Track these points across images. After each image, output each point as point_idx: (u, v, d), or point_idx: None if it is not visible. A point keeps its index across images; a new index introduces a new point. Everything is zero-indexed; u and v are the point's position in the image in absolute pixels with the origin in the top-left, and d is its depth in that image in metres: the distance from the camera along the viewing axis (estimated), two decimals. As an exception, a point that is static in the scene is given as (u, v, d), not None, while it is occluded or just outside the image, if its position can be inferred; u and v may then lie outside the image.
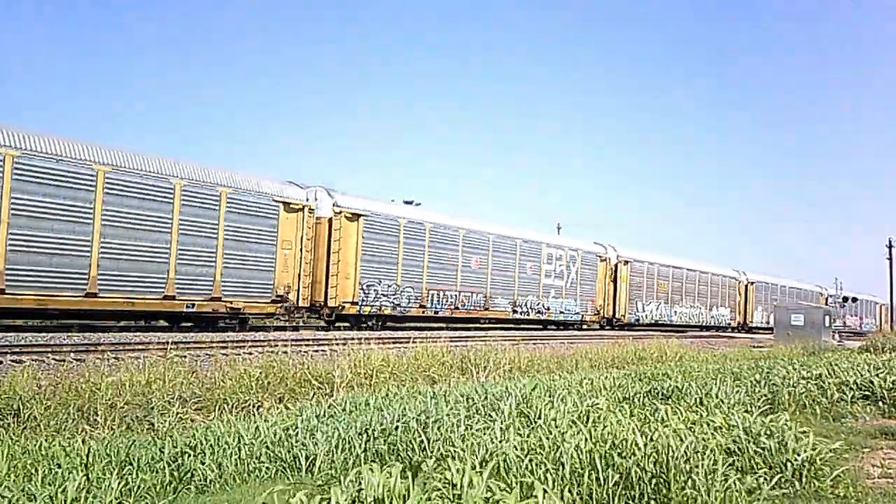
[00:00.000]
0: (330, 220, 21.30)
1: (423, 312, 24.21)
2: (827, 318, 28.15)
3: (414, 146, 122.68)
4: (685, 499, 4.11)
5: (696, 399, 7.81)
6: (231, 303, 18.53)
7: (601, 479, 4.23)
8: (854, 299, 54.11)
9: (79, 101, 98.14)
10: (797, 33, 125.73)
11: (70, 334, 15.71)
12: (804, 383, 9.59)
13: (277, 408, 7.80)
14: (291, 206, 19.95)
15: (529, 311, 29.09)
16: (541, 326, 30.86)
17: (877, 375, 10.14)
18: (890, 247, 53.93)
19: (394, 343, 15.57)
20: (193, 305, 17.80)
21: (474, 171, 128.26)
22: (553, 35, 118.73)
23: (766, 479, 4.81)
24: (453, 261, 25.32)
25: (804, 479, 5.01)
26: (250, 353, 11.54)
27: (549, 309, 30.24)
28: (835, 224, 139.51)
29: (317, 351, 13.38)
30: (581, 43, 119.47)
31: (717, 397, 7.90)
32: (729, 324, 43.88)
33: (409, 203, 25.65)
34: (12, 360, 11.12)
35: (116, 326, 18.44)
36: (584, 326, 33.14)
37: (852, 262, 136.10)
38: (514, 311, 28.23)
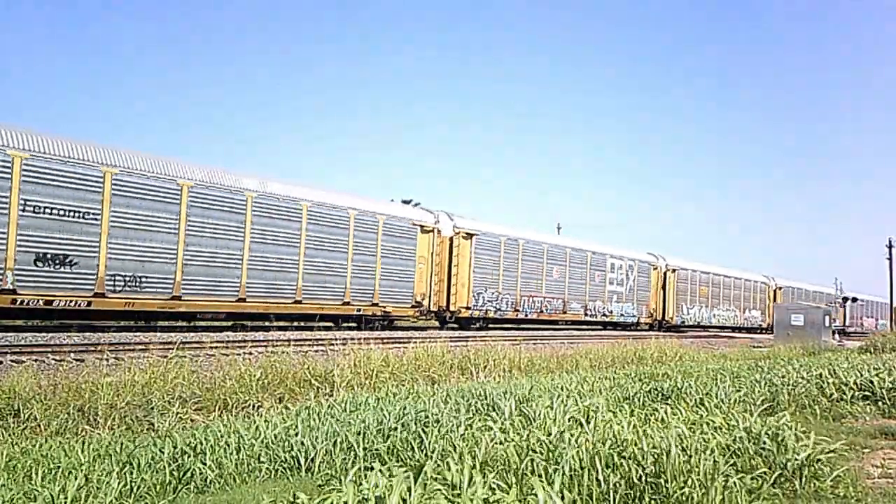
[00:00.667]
0: (451, 239, 25.40)
1: (517, 315, 28.21)
2: (827, 318, 28.13)
3: (413, 146, 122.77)
4: (685, 499, 4.11)
5: (696, 399, 7.81)
6: (385, 308, 22.99)
7: (601, 479, 4.23)
8: (854, 299, 54.43)
9: (73, 101, 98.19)
10: (798, 33, 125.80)
11: (70, 334, 15.72)
12: (804, 383, 9.59)
13: (277, 408, 7.80)
14: (425, 228, 24.30)
15: (597, 314, 33.40)
16: (601, 327, 34.40)
17: (877, 375, 10.14)
18: (890, 247, 53.90)
19: (394, 343, 15.57)
20: (360, 310, 22.31)
21: (474, 171, 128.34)
22: (553, 35, 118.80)
23: (766, 479, 4.81)
24: (539, 271, 29.56)
25: (804, 479, 5.01)
26: (250, 354, 11.54)
27: (611, 312, 34.50)
28: (835, 224, 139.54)
29: (317, 351, 13.38)
30: (581, 42, 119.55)
31: (717, 397, 7.90)
32: (760, 325, 47.28)
33: (407, 202, 26.14)
34: (12, 360, 11.12)
35: (116, 326, 18.44)
36: (639, 327, 36.73)
37: (852, 263, 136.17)
38: (586, 314, 32.62)
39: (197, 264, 17.98)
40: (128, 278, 16.75)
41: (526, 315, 28.66)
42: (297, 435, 5.73)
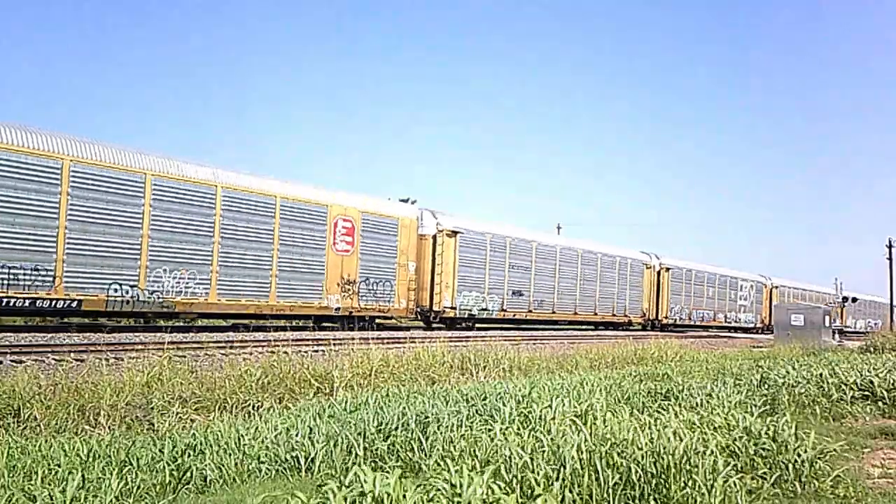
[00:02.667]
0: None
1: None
2: (827, 318, 28.12)
3: (413, 145, 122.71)
4: (685, 499, 4.10)
5: (696, 399, 7.80)
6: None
7: (601, 479, 4.22)
8: (854, 299, 54.57)
9: (72, 100, 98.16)
10: (798, 33, 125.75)
11: (70, 334, 15.71)
12: (804, 383, 9.59)
13: (277, 408, 7.80)
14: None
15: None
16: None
17: (877, 375, 10.14)
18: (890, 247, 53.91)
19: (394, 343, 15.57)
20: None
21: (474, 170, 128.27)
22: (554, 34, 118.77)
23: (766, 479, 4.81)
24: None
25: (804, 479, 5.00)
26: (250, 354, 11.54)
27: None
28: (835, 224, 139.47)
29: (316, 351, 13.38)
30: (582, 42, 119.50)
31: (717, 397, 7.90)
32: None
33: (405, 201, 26.26)
34: (12, 360, 11.12)
35: (116, 327, 18.43)
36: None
37: (852, 263, 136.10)
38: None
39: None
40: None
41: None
42: (297, 435, 5.73)
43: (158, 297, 17.28)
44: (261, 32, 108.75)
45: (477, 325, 27.02)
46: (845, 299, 50.13)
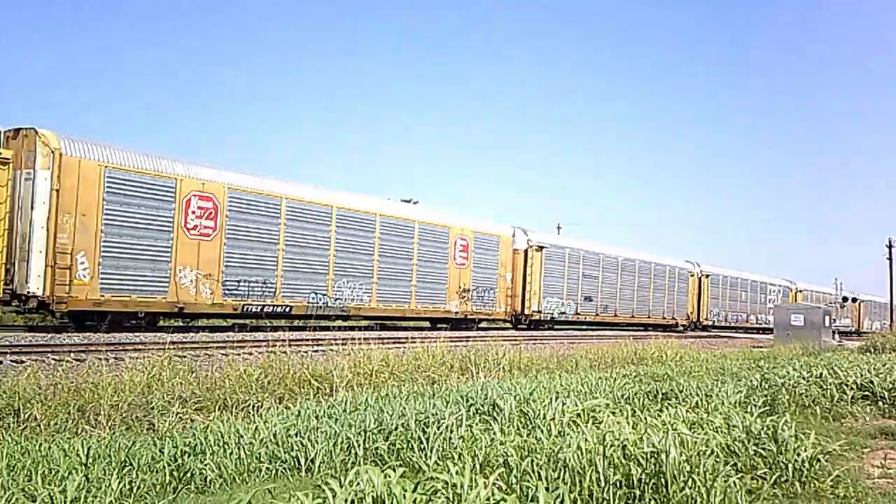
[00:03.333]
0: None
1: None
2: (827, 318, 28.12)
3: (413, 145, 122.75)
4: (685, 499, 4.11)
5: (696, 399, 7.81)
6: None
7: (601, 479, 4.23)
8: (854, 299, 54.77)
9: (69, 99, 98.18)
10: (798, 32, 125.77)
11: (70, 334, 15.72)
12: (804, 383, 9.59)
13: (277, 408, 7.80)
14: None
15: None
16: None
17: (877, 375, 10.15)
18: (890, 247, 53.95)
19: (394, 343, 15.57)
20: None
21: (474, 170, 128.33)
22: (554, 34, 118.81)
23: (766, 479, 4.81)
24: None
25: (804, 479, 5.01)
26: (250, 354, 11.54)
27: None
28: (835, 224, 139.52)
29: (316, 351, 13.38)
30: (582, 42, 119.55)
31: (717, 398, 7.90)
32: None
33: (407, 202, 27.09)
34: (12, 360, 11.12)
35: (117, 326, 18.44)
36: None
37: (852, 263, 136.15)
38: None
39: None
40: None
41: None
42: (297, 435, 5.73)
43: (339, 304, 21.63)
44: (261, 32, 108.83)
45: (556, 326, 31.05)
46: (845, 299, 50.60)
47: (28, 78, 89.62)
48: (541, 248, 29.75)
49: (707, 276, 41.77)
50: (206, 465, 5.12)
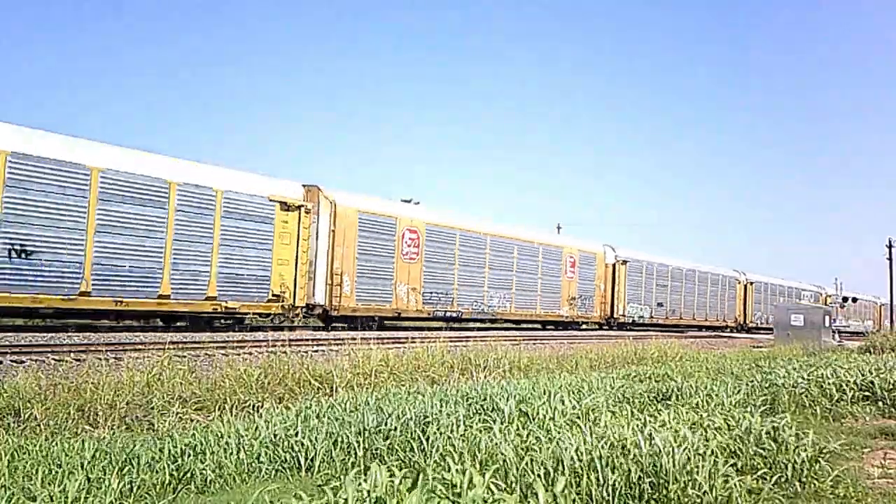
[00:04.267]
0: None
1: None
2: (827, 318, 28.10)
3: (413, 145, 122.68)
4: (685, 499, 4.11)
5: (696, 399, 7.80)
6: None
7: (601, 479, 4.22)
8: (855, 299, 55.08)
9: (66, 98, 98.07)
10: (798, 32, 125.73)
11: (70, 334, 15.72)
12: (804, 383, 9.58)
13: (277, 408, 7.79)
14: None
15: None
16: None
17: (877, 375, 10.14)
18: (890, 247, 53.94)
19: (394, 343, 15.57)
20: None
21: (474, 170, 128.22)
22: (554, 34, 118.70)
23: (766, 479, 4.81)
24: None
25: (804, 479, 5.01)
26: (250, 354, 11.54)
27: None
28: (835, 224, 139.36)
29: (316, 351, 13.38)
30: (582, 42, 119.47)
31: (717, 398, 7.90)
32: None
33: (408, 202, 28.03)
34: (12, 360, 11.12)
35: (116, 326, 18.44)
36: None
37: (852, 263, 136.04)
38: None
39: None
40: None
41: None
42: (297, 435, 5.73)
43: (491, 309, 27.85)
44: (261, 32, 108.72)
45: (636, 328, 36.03)
46: (845, 299, 51.28)
47: (28, 78, 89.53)
48: (625, 262, 35.67)
49: (751, 283, 47.72)
50: (206, 465, 5.11)
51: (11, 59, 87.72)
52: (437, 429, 5.71)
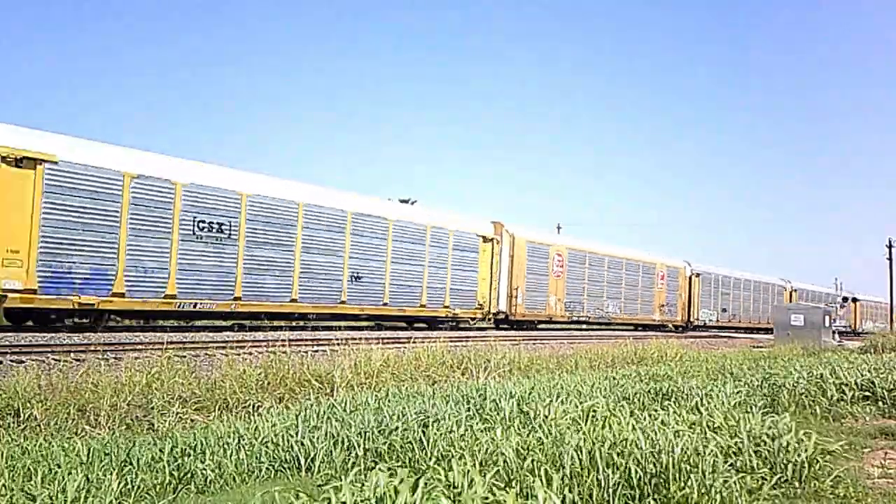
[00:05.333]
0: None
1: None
2: (827, 318, 28.09)
3: (413, 145, 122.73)
4: (685, 499, 4.11)
5: (696, 399, 7.80)
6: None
7: (601, 479, 4.23)
8: (855, 299, 55.19)
9: (64, 98, 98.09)
10: (798, 32, 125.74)
11: (70, 334, 15.72)
12: (804, 383, 9.58)
13: (277, 408, 7.79)
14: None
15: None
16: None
17: (877, 376, 10.14)
18: (890, 247, 53.95)
19: (394, 343, 15.57)
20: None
21: (474, 170, 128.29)
22: (554, 34, 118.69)
23: (766, 479, 4.80)
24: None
25: (804, 479, 5.00)
26: (250, 353, 11.54)
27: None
28: (835, 224, 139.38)
29: (317, 351, 13.37)
30: (582, 42, 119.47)
31: (717, 398, 7.89)
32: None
33: (405, 202, 28.39)
34: (12, 360, 11.12)
35: (116, 326, 18.45)
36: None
37: (852, 263, 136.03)
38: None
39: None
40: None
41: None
42: (297, 435, 5.73)
43: (607, 315, 34.55)
44: (261, 32, 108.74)
45: (707, 329, 42.12)
46: (845, 299, 51.65)
47: (28, 78, 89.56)
48: (698, 275, 42.39)
49: (795, 290, 53.53)
50: (206, 465, 5.11)
51: (11, 59, 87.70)
52: (438, 429, 5.71)
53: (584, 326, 33.88)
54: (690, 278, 41.80)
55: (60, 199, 15.19)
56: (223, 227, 17.99)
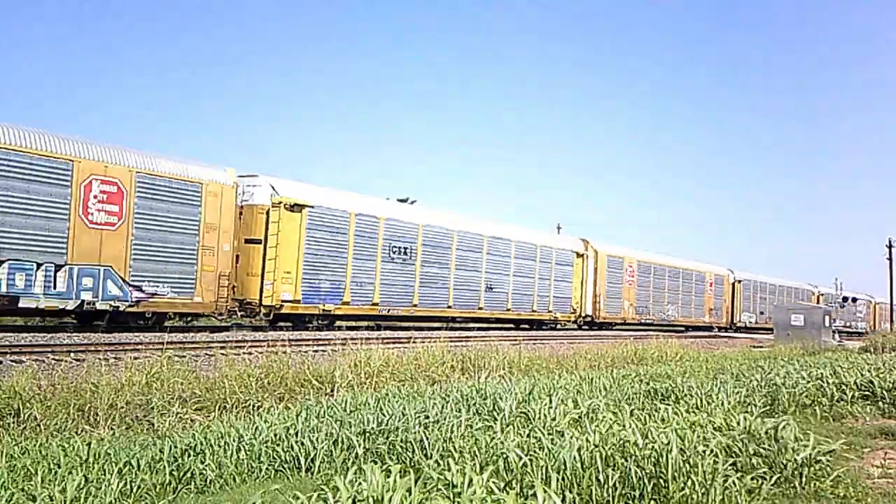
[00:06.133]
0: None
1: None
2: (827, 318, 28.09)
3: (413, 145, 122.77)
4: (685, 499, 4.11)
5: (696, 399, 7.80)
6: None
7: (601, 479, 4.23)
8: (854, 300, 55.31)
9: (65, 98, 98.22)
10: (798, 31, 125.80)
11: (70, 334, 15.72)
12: (804, 383, 9.58)
13: (277, 408, 7.79)
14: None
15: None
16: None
17: (877, 375, 10.14)
18: (890, 247, 53.97)
19: (394, 343, 15.57)
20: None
21: (474, 170, 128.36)
22: (554, 34, 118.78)
23: (766, 479, 4.81)
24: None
25: (804, 479, 5.00)
26: (250, 353, 11.54)
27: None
28: (835, 224, 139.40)
29: (317, 351, 13.38)
30: (582, 42, 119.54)
31: (717, 398, 7.90)
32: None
33: (404, 201, 28.19)
34: (12, 360, 11.12)
35: (116, 327, 18.46)
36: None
37: (852, 263, 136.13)
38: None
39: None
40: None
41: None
42: (297, 435, 5.73)
43: (667, 318, 38.85)
44: (261, 32, 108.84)
45: (748, 331, 45.83)
46: (845, 299, 51.58)
47: (28, 78, 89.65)
48: (740, 281, 46.90)
49: (822, 294, 56.72)
50: (206, 465, 5.12)
51: (11, 59, 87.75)
52: (438, 429, 5.71)
53: (650, 327, 37.56)
54: (734, 284, 46.49)
55: (314, 233, 20.53)
56: (406, 251, 23.51)
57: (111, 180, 16.11)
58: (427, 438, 5.48)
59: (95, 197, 15.84)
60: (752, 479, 4.66)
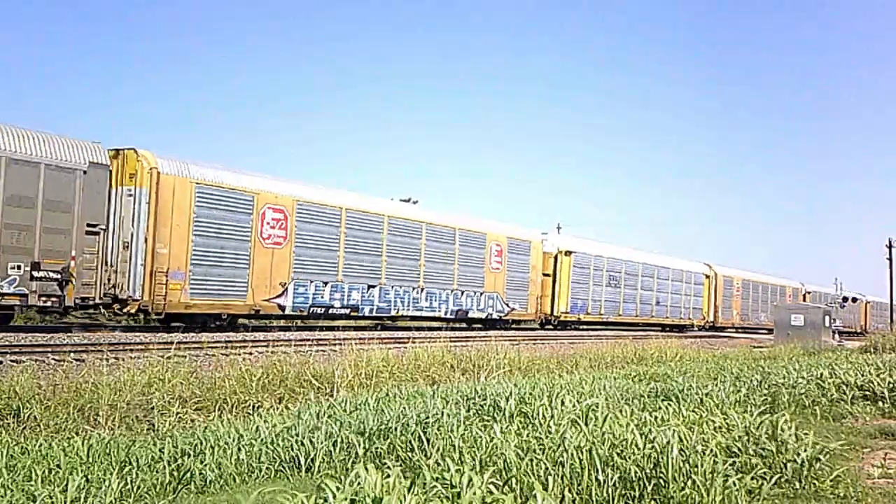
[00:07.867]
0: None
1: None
2: (827, 318, 28.07)
3: (412, 145, 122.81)
4: (685, 499, 4.11)
5: (696, 399, 7.80)
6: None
7: (601, 479, 4.22)
8: (854, 299, 55.26)
9: (64, 98, 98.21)
10: (798, 31, 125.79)
11: (70, 334, 15.73)
12: (804, 383, 9.58)
13: (277, 408, 7.80)
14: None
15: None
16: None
17: (877, 375, 10.14)
18: (890, 247, 53.95)
19: (394, 343, 15.58)
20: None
21: (474, 170, 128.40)
22: (554, 34, 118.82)
23: (766, 479, 4.81)
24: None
25: (804, 479, 5.00)
26: (250, 353, 11.54)
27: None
28: (835, 224, 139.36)
29: (317, 351, 13.38)
30: (582, 42, 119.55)
31: (717, 397, 7.89)
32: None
33: (406, 201, 27.66)
34: (12, 360, 11.12)
35: (116, 327, 18.47)
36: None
37: (852, 263, 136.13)
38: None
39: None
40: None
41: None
42: (297, 435, 5.73)
43: (760, 322, 47.88)
44: (261, 32, 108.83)
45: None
46: (845, 299, 51.33)
47: (28, 78, 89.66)
48: (809, 293, 53.97)
49: (868, 303, 63.20)
50: (205, 465, 5.12)
51: (11, 59, 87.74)
52: (438, 429, 5.71)
53: (747, 330, 47.18)
54: (804, 295, 53.69)
55: (577, 270, 32.75)
56: (617, 280, 35.89)
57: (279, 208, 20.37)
58: (426, 438, 5.48)
59: (268, 223, 19.94)
60: (752, 479, 4.66)
